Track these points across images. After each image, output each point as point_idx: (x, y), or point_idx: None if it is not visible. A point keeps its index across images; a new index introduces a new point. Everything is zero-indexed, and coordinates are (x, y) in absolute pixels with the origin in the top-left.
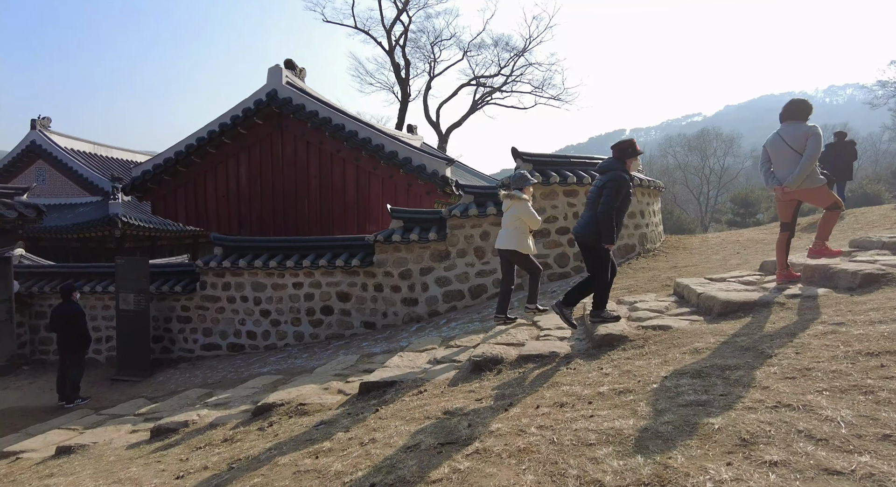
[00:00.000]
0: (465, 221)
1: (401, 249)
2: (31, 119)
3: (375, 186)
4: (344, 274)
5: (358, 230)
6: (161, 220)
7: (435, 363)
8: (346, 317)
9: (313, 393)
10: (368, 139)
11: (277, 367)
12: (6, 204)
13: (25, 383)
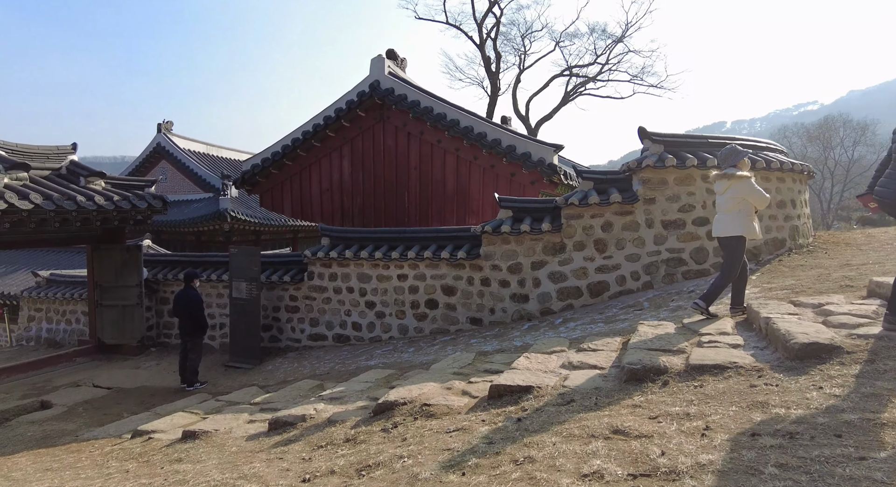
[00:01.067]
0: (583, 210)
1: (510, 241)
2: (157, 123)
3: (476, 177)
4: (449, 266)
5: (457, 223)
6: (264, 215)
7: (570, 367)
8: (452, 312)
9: (436, 393)
10: (471, 128)
11: (384, 361)
12: (138, 195)
13: (153, 364)
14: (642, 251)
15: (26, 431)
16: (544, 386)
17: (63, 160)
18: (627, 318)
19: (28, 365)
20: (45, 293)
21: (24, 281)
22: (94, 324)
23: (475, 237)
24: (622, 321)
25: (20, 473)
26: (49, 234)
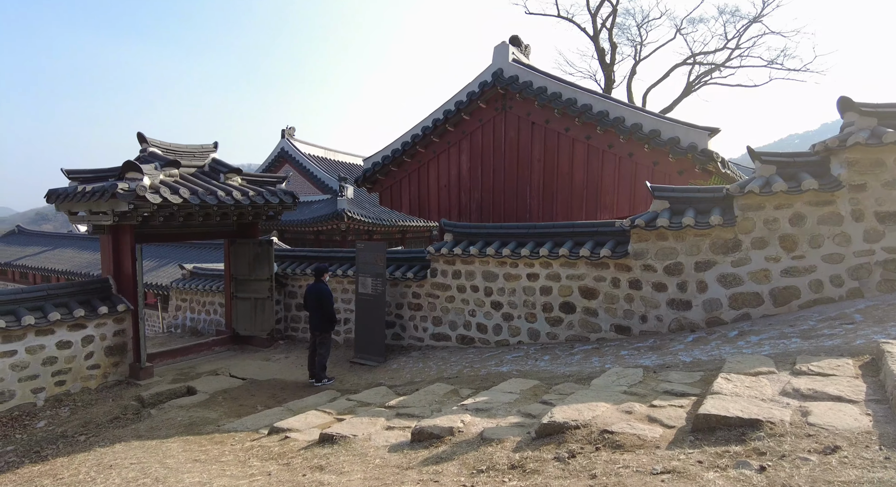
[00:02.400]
0: (765, 200)
1: (667, 237)
2: (281, 129)
3: (610, 168)
4: (589, 265)
5: (586, 219)
6: (376, 215)
7: (799, 396)
8: (592, 318)
9: (614, 417)
10: (605, 112)
11: (518, 368)
12: (270, 191)
13: (282, 357)
14: (847, 250)
15: (176, 416)
16: (777, 422)
17: (206, 158)
18: (836, 334)
19: (176, 352)
20: (189, 284)
21: (173, 273)
22: (230, 316)
23: (621, 232)
24: (828, 337)
25: (173, 461)
26: (193, 229)
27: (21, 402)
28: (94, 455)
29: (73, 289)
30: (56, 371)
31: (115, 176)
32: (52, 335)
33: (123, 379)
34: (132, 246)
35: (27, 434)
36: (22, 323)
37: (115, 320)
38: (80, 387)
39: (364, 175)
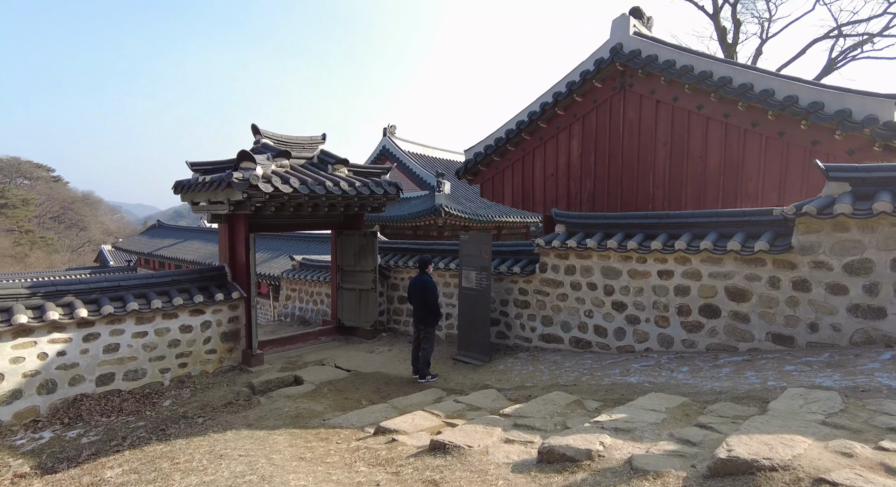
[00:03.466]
0: None
1: (848, 227)
2: (383, 127)
3: (753, 149)
4: (739, 262)
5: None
6: (472, 211)
7: None
8: (741, 324)
9: (828, 460)
10: (749, 85)
11: (649, 379)
12: (375, 182)
13: (385, 349)
14: None
15: (283, 406)
16: None
17: (315, 149)
18: None
19: (285, 340)
20: (298, 275)
21: (284, 264)
22: (335, 306)
23: (781, 222)
24: None
25: (279, 457)
26: (302, 219)
27: (151, 381)
28: (208, 442)
29: (194, 276)
30: (179, 353)
31: (232, 166)
32: (175, 319)
33: (237, 364)
34: (246, 235)
35: (155, 412)
36: (151, 307)
37: (229, 307)
38: (199, 370)
39: (465, 166)
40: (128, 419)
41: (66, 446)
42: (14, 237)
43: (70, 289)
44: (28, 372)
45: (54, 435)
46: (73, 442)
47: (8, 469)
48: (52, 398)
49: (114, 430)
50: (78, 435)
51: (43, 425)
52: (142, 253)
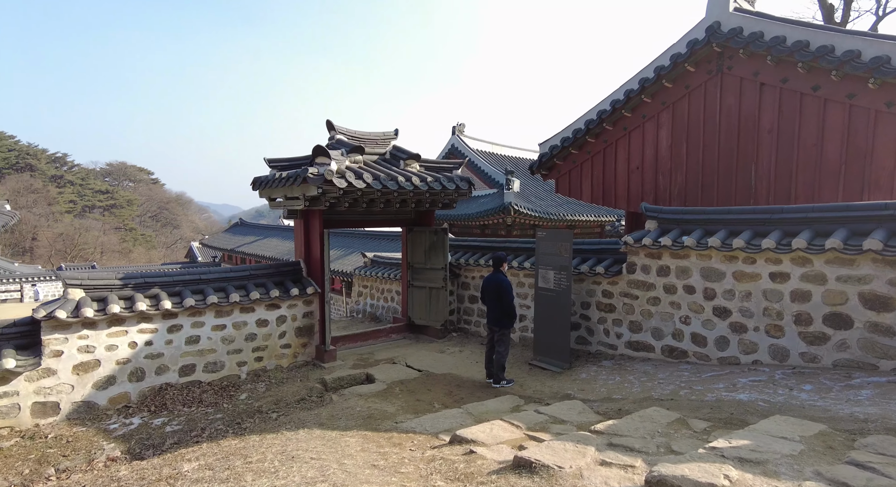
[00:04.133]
0: None
1: None
2: (452, 126)
3: (887, 133)
4: (879, 264)
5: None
6: (543, 209)
7: None
8: (883, 338)
9: None
10: (884, 58)
11: (763, 397)
12: (447, 177)
13: (456, 350)
14: None
15: (355, 405)
16: None
17: (388, 145)
18: None
19: (356, 337)
20: (369, 272)
21: (356, 262)
22: (406, 304)
23: None
24: None
25: (351, 463)
26: (374, 215)
27: (229, 373)
28: (280, 440)
29: (270, 271)
30: (255, 347)
31: (307, 162)
32: (252, 313)
33: (310, 360)
34: (320, 230)
35: (232, 405)
36: (230, 300)
37: (304, 302)
38: (274, 365)
39: (539, 160)
40: (207, 410)
41: (152, 433)
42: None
43: (156, 282)
44: (120, 359)
45: (142, 422)
46: (158, 430)
47: (102, 451)
48: (140, 385)
49: (194, 421)
50: (162, 424)
51: (133, 411)
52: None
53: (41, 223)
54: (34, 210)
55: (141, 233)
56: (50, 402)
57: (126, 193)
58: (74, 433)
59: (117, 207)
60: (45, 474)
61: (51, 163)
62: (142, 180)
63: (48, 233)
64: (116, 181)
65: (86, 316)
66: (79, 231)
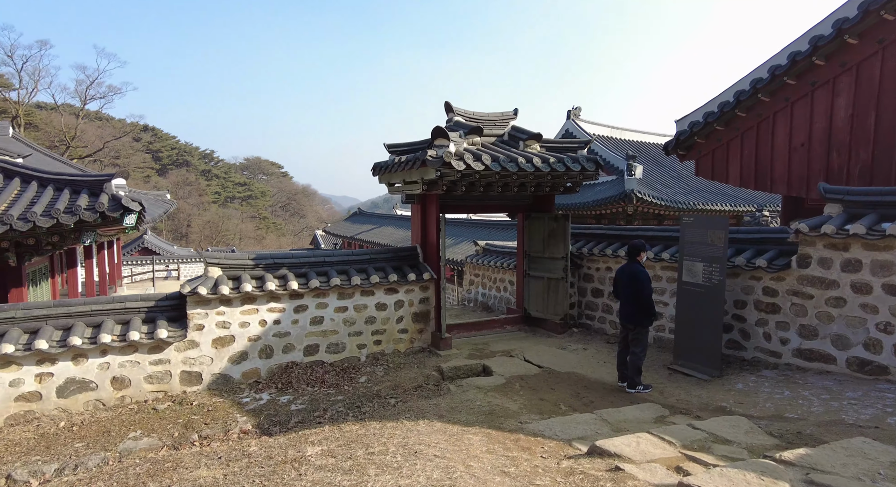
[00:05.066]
0: None
1: None
2: (567, 109)
3: None
4: None
5: None
6: (670, 197)
7: None
8: None
9: None
10: None
11: None
12: (571, 158)
13: (579, 347)
14: None
15: (475, 398)
16: None
17: (506, 126)
18: None
19: (470, 326)
20: (481, 260)
21: (467, 250)
22: (521, 294)
23: None
24: None
25: (478, 466)
26: (491, 200)
27: (349, 355)
28: (401, 431)
29: (389, 255)
30: (374, 330)
31: (426, 146)
32: (372, 296)
33: (426, 346)
34: (437, 214)
35: (352, 387)
36: (351, 283)
37: (421, 287)
38: (392, 349)
39: (676, 139)
40: (328, 391)
41: (279, 410)
42: (255, 222)
43: (284, 263)
44: (252, 336)
45: (270, 398)
46: (284, 408)
47: (236, 423)
48: (269, 362)
49: (317, 401)
50: (288, 402)
51: (262, 387)
52: (345, 237)
53: (194, 212)
54: (189, 200)
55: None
56: (194, 372)
57: (260, 185)
58: (213, 403)
59: (253, 198)
60: (190, 439)
61: (202, 159)
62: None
63: (199, 220)
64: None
65: (222, 293)
66: (222, 219)
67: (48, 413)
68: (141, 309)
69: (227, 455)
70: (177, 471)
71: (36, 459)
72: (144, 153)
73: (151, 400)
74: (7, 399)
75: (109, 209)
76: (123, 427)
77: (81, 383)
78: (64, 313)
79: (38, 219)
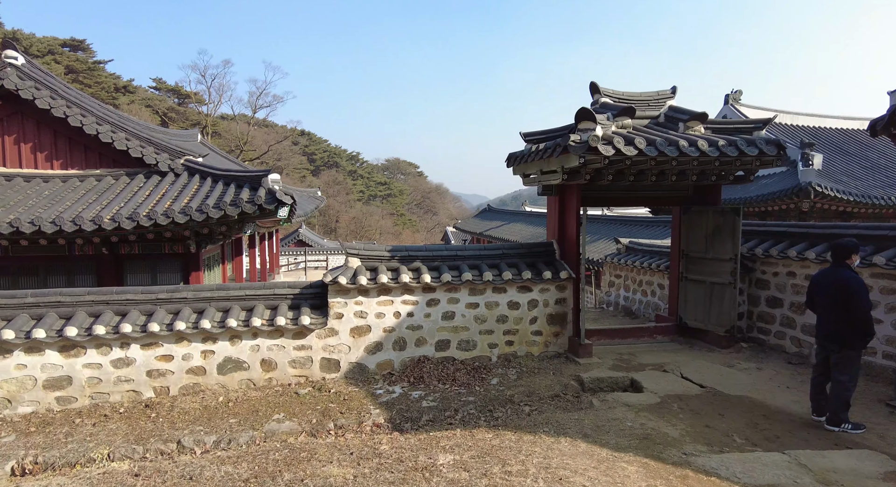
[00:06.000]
0: None
1: None
2: (724, 94)
3: None
4: None
5: None
6: (860, 191)
7: None
8: None
9: None
10: None
11: None
12: (746, 139)
13: (751, 366)
14: None
15: (624, 418)
16: None
17: (662, 107)
18: None
19: (613, 332)
20: (624, 260)
21: (604, 249)
22: (675, 300)
23: None
24: None
25: None
26: (641, 192)
27: (480, 354)
28: (540, 448)
29: (522, 251)
30: (506, 330)
31: (567, 132)
32: (504, 294)
33: (562, 351)
34: (578, 208)
35: (483, 388)
36: (483, 279)
37: (557, 287)
38: (524, 351)
39: (890, 114)
40: (459, 390)
41: (410, 406)
42: (393, 219)
43: (418, 256)
44: (386, 327)
45: (402, 392)
46: (415, 404)
47: (369, 415)
48: (402, 355)
49: (448, 400)
50: (420, 397)
51: (395, 379)
52: (474, 233)
53: (342, 209)
54: (337, 198)
55: (408, 218)
56: (333, 359)
57: (398, 184)
58: (349, 392)
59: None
60: (326, 426)
61: (349, 161)
62: (410, 173)
63: (345, 216)
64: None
65: (360, 283)
66: (365, 215)
67: (210, 388)
68: (287, 296)
69: (358, 452)
70: (310, 463)
71: (199, 429)
72: (301, 155)
73: (294, 384)
74: (181, 370)
75: (266, 202)
76: (269, 409)
77: (236, 362)
78: (223, 296)
79: (210, 211)
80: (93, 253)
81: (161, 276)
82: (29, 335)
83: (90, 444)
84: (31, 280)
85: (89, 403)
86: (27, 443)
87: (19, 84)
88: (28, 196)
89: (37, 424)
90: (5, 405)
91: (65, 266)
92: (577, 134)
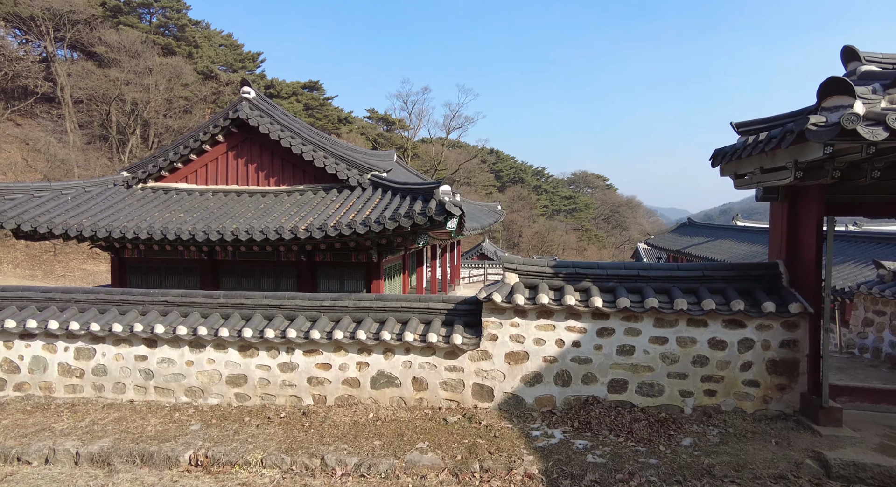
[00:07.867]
0: None
1: None
2: None
3: None
4: None
5: None
6: None
7: None
8: None
9: None
10: None
11: None
12: None
13: None
14: None
15: None
16: None
17: None
18: None
19: (879, 393)
20: (891, 290)
21: (851, 275)
22: None
23: None
24: None
25: None
26: None
27: (668, 402)
28: None
29: (732, 273)
30: (706, 375)
31: (804, 113)
32: (704, 328)
33: (790, 412)
34: (819, 217)
35: (671, 449)
36: (674, 307)
37: (783, 323)
38: (732, 405)
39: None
40: (637, 447)
41: (571, 458)
42: (578, 234)
43: (588, 273)
44: (547, 356)
45: (563, 439)
46: (578, 457)
47: (521, 461)
48: (566, 392)
49: (620, 458)
50: (584, 449)
51: (556, 421)
52: (671, 250)
53: (525, 223)
54: (521, 213)
55: (594, 233)
56: (486, 386)
57: (585, 198)
58: (501, 427)
59: (577, 210)
60: (471, 467)
61: (534, 176)
62: (598, 186)
63: (528, 231)
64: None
65: (517, 302)
66: (548, 230)
67: (363, 402)
68: (441, 311)
69: None
70: None
71: (344, 447)
72: (489, 173)
73: (444, 409)
74: (337, 380)
75: (436, 213)
76: (415, 434)
77: (388, 378)
78: (381, 307)
79: (385, 222)
80: (294, 260)
81: (347, 283)
82: (217, 333)
83: (250, 446)
84: (249, 281)
85: (259, 403)
86: (206, 435)
87: (249, 114)
88: (248, 208)
89: (218, 416)
90: (199, 394)
91: (273, 270)
92: (822, 113)
